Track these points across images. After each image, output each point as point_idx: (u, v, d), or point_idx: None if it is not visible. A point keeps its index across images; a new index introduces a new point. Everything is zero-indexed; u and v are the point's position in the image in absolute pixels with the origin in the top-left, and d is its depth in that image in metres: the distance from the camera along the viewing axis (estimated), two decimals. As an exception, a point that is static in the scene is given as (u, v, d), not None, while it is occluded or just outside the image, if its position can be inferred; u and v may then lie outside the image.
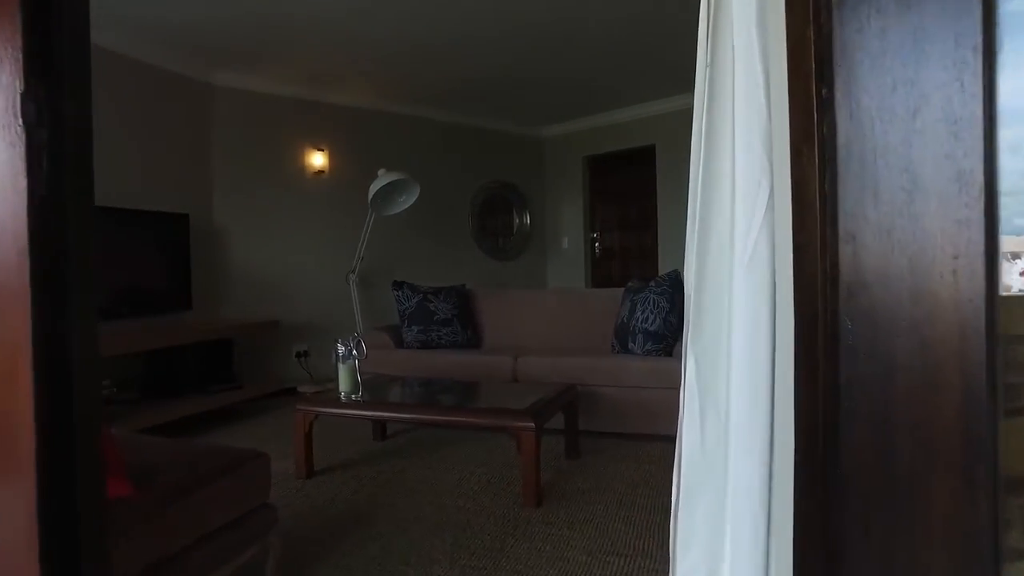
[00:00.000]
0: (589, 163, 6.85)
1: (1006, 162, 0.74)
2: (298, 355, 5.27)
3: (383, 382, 3.61)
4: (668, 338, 3.80)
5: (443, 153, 6.31)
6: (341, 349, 3.14)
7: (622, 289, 4.35)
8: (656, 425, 3.62)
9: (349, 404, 2.99)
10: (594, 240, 6.87)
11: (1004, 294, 0.76)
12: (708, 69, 1.31)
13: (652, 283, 3.90)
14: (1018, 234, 0.85)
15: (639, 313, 3.85)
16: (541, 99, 5.96)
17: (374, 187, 4.71)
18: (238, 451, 1.95)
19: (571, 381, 3.75)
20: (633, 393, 3.66)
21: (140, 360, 4.04)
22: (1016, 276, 0.92)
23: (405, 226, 6.00)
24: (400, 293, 4.52)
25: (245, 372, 4.87)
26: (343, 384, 3.13)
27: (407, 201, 4.99)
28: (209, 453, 1.94)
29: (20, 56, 0.69)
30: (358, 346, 3.13)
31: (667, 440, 3.71)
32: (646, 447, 3.49)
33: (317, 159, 5.37)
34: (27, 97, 0.69)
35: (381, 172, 4.78)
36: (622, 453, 3.43)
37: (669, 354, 3.78)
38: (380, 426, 3.64)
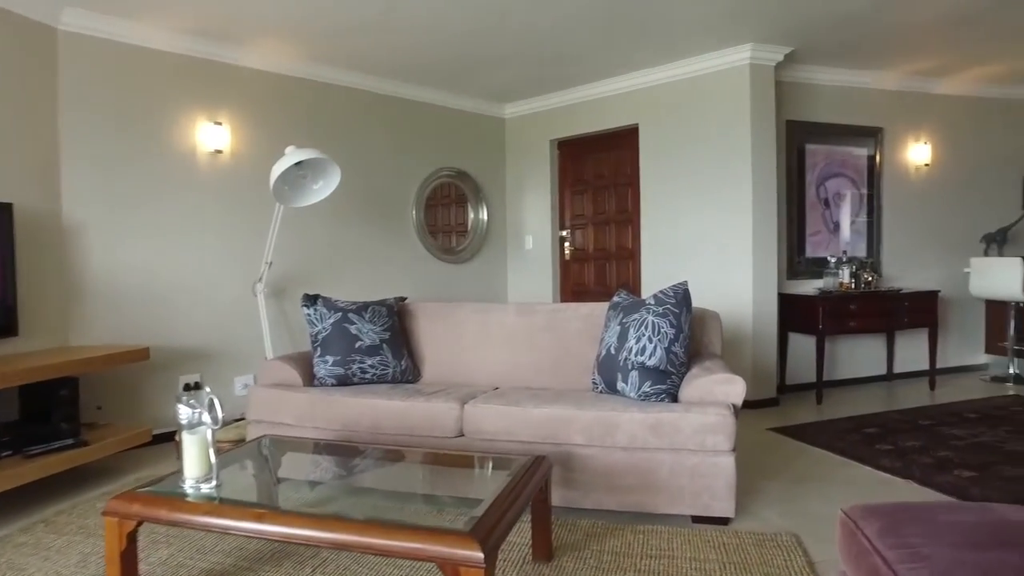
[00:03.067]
0: (558, 147, 5.78)
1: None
2: (187, 387, 4.08)
3: (262, 451, 2.48)
4: (673, 376, 2.75)
5: (382, 133, 5.17)
6: (185, 412, 2.01)
7: (605, 305, 3.31)
8: (658, 500, 2.59)
9: (186, 505, 1.86)
10: (563, 239, 5.81)
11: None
12: None
13: (650, 300, 2.85)
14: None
15: (633, 341, 2.81)
16: (502, 70, 4.88)
17: (278, 168, 3.56)
18: None
19: (539, 440, 2.70)
20: (626, 456, 2.61)
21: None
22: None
23: (333, 222, 4.85)
24: (312, 311, 3.39)
25: (107, 416, 3.69)
26: (188, 466, 2.01)
27: (325, 188, 3.85)
28: None
29: None
30: (211, 408, 2.01)
31: (673, 521, 2.68)
32: (646, 532, 2.46)
33: (214, 135, 4.19)
34: None
35: (289, 150, 3.64)
36: (613, 545, 2.38)
37: (675, 398, 2.75)
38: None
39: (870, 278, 4.98)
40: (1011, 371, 5.44)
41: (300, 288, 4.64)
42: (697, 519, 2.61)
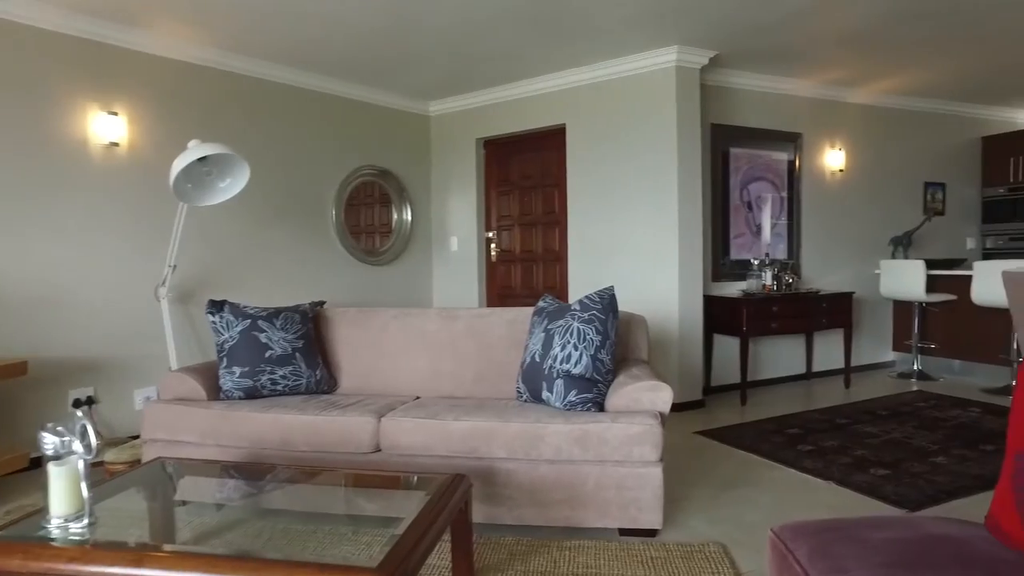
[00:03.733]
0: (485, 146, 5.66)
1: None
2: (78, 403, 3.73)
3: (154, 476, 2.24)
4: (600, 385, 2.67)
5: (300, 129, 4.91)
6: (50, 441, 1.76)
7: (530, 310, 3.20)
8: (584, 514, 2.50)
9: (47, 551, 1.62)
10: (489, 241, 5.69)
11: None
12: None
13: (576, 305, 2.76)
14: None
15: (558, 348, 2.71)
16: (426, 66, 4.71)
17: (179, 164, 3.28)
18: None
19: (460, 454, 2.56)
20: (552, 469, 2.51)
21: None
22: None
23: (246, 222, 4.56)
24: (218, 318, 3.14)
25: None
26: (54, 503, 1.76)
27: (233, 187, 3.59)
28: None
29: None
30: (83, 435, 1.77)
31: (600, 535, 2.60)
32: (573, 548, 2.36)
33: (109, 126, 3.84)
34: None
35: (192, 144, 3.36)
36: (538, 563, 2.27)
37: (601, 407, 2.66)
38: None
39: (791, 280, 5.09)
40: (915, 367, 5.69)
41: (210, 293, 4.33)
42: (624, 532, 2.53)
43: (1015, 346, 5.03)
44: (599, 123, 4.86)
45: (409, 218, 5.68)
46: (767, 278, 5.00)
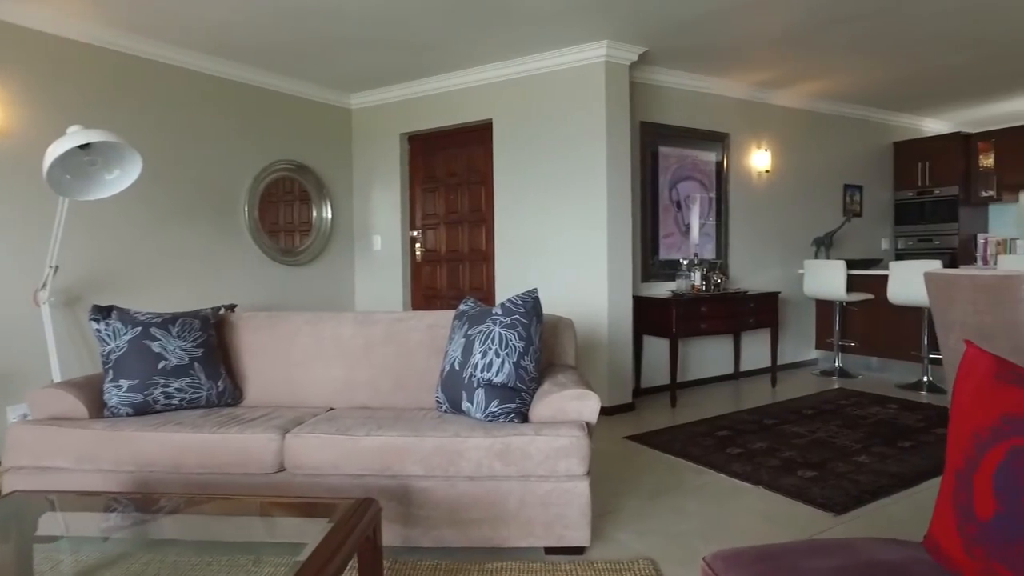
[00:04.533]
0: (409, 141, 5.43)
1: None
2: (-59, 422, 3.30)
3: (9, 511, 1.94)
4: (523, 394, 2.51)
5: (207, 119, 4.56)
6: None
7: (451, 314, 3.02)
8: (507, 533, 2.33)
9: None
10: (414, 240, 5.46)
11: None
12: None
13: (498, 309, 2.59)
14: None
15: (478, 356, 2.53)
16: (345, 55, 4.45)
17: (54, 152, 2.92)
18: None
19: (372, 472, 2.35)
20: (472, 486, 2.33)
21: None
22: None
23: (146, 219, 4.19)
24: (103, 326, 2.81)
25: None
26: None
27: (123, 179, 3.24)
28: None
29: None
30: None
31: (525, 555, 2.43)
32: (494, 571, 2.19)
33: (-21, 111, 3.43)
34: None
35: (72, 130, 3.00)
36: (456, 597, 2.09)
37: (525, 418, 2.50)
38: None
39: (719, 280, 5.09)
40: (836, 365, 5.82)
41: (104, 298, 3.95)
42: (551, 550, 2.38)
43: (925, 343, 5.19)
44: (527, 119, 4.72)
45: (329, 216, 5.39)
46: (696, 278, 4.98)
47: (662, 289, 5.11)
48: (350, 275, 5.62)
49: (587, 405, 2.43)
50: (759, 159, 5.75)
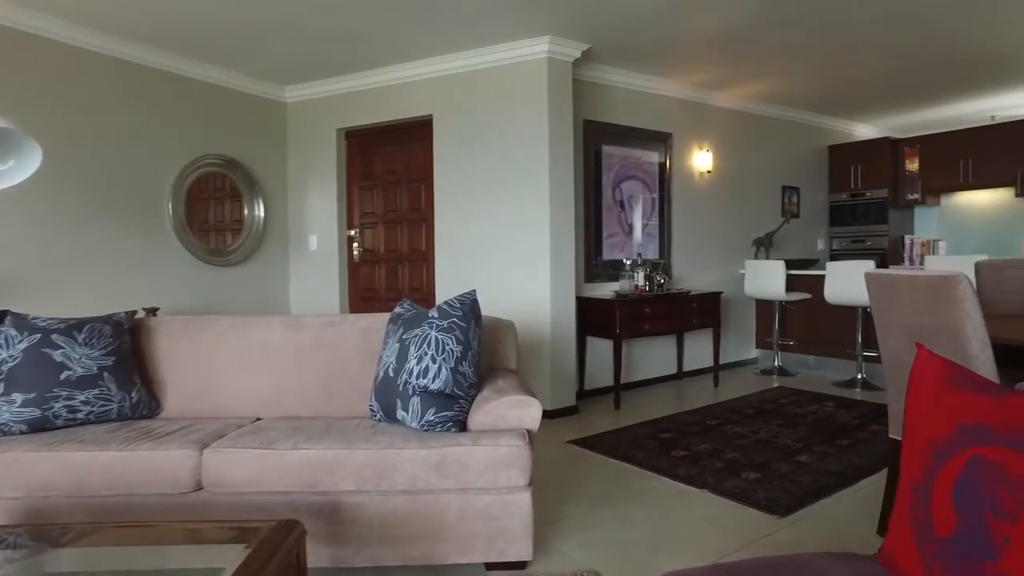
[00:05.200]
0: (347, 137, 5.22)
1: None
2: None
3: None
4: (462, 401, 2.38)
5: (126, 109, 4.26)
6: None
7: (387, 317, 2.86)
8: (446, 549, 2.21)
9: None
10: (351, 239, 5.26)
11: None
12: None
13: (434, 312, 2.46)
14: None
15: (414, 361, 2.39)
16: (277, 43, 4.22)
17: (-60, 143, 2.62)
18: None
19: (299, 488, 2.19)
20: (407, 501, 2.19)
21: None
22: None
23: (52, 215, 3.87)
24: (-4, 332, 2.54)
25: None
26: None
27: (19, 171, 2.93)
28: None
29: None
30: None
31: (464, 572, 2.26)
32: (430, 597, 2.06)
33: None
34: None
35: (-38, 118, 2.70)
36: (389, 621, 1.95)
37: (464, 426, 2.38)
38: None
39: (662, 280, 5.07)
40: (776, 364, 5.90)
41: (8, 300, 3.62)
42: (492, 566, 2.26)
43: (860, 340, 5.31)
44: (468, 115, 4.59)
45: (262, 214, 5.13)
46: (639, 279, 4.95)
47: (605, 290, 5.06)
48: (284, 276, 5.38)
49: (528, 412, 2.32)
50: (701, 160, 5.78)
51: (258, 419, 2.75)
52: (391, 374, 2.46)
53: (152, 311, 4.15)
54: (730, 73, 5.24)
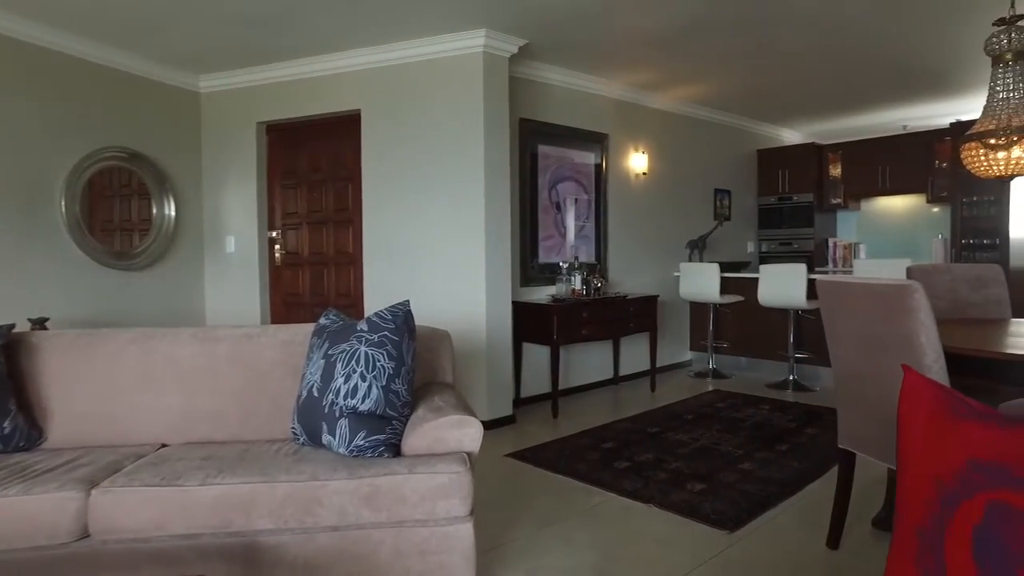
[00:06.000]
0: (268, 132, 4.87)
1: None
2: None
3: None
4: (395, 422, 2.16)
5: (10, 92, 3.79)
6: None
7: (311, 328, 2.60)
8: (378, 590, 1.97)
9: None
10: (273, 241, 4.91)
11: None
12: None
13: (363, 325, 2.22)
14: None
15: (341, 380, 2.15)
16: (192, 29, 3.86)
17: None
18: None
19: (209, 529, 1.92)
20: (335, 539, 1.95)
21: None
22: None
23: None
24: None
25: None
26: None
27: None
28: None
29: None
30: None
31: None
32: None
33: None
34: None
35: None
36: None
37: (397, 450, 2.16)
38: None
39: (599, 284, 4.97)
40: (710, 366, 5.92)
41: None
42: (428, 605, 2.05)
43: (792, 341, 5.38)
44: (399, 111, 4.34)
45: (172, 213, 4.72)
46: (576, 282, 4.83)
47: (542, 294, 4.91)
48: (199, 281, 4.97)
49: (467, 433, 2.12)
50: (637, 161, 5.73)
51: (163, 446, 2.45)
52: (315, 394, 2.21)
53: (40, 323, 3.70)
54: (666, 75, 5.20)
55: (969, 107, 6.22)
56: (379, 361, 2.15)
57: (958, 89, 5.68)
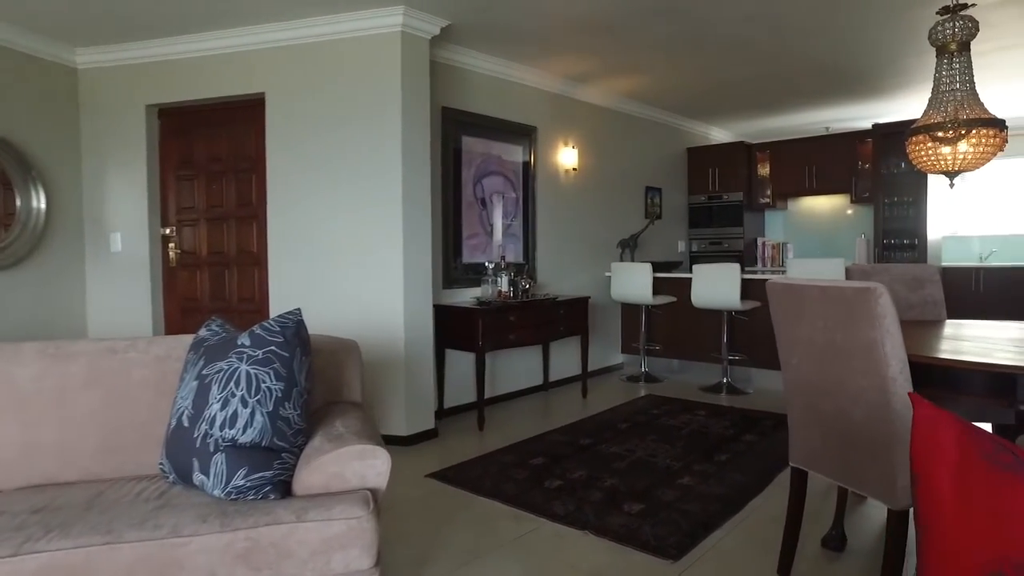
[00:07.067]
0: (160, 116, 4.33)
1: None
2: None
3: None
4: (284, 455, 1.79)
5: None
6: None
7: (189, 340, 2.18)
8: (259, 667, 1.59)
9: None
10: (167, 239, 4.37)
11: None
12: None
13: (244, 339, 1.84)
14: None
15: (216, 405, 1.76)
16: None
17: None
18: None
19: (27, 610, 1.48)
20: (201, 607, 1.56)
21: None
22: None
23: None
24: None
25: None
26: None
27: None
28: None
29: None
30: None
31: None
32: None
33: None
34: None
35: None
36: None
37: (288, 489, 1.78)
38: None
39: (527, 285, 4.68)
40: (643, 370, 5.74)
41: None
42: None
43: (725, 342, 5.26)
44: (308, 95, 3.92)
45: (42, 206, 4.12)
46: (503, 284, 4.53)
47: (466, 296, 4.58)
48: (79, 284, 4.37)
49: (372, 466, 1.77)
50: (567, 156, 5.48)
51: (-4, 489, 1.98)
52: (186, 423, 1.82)
53: None
54: (597, 67, 4.97)
55: (888, 109, 6.31)
56: (264, 382, 1.77)
57: (880, 91, 5.71)
